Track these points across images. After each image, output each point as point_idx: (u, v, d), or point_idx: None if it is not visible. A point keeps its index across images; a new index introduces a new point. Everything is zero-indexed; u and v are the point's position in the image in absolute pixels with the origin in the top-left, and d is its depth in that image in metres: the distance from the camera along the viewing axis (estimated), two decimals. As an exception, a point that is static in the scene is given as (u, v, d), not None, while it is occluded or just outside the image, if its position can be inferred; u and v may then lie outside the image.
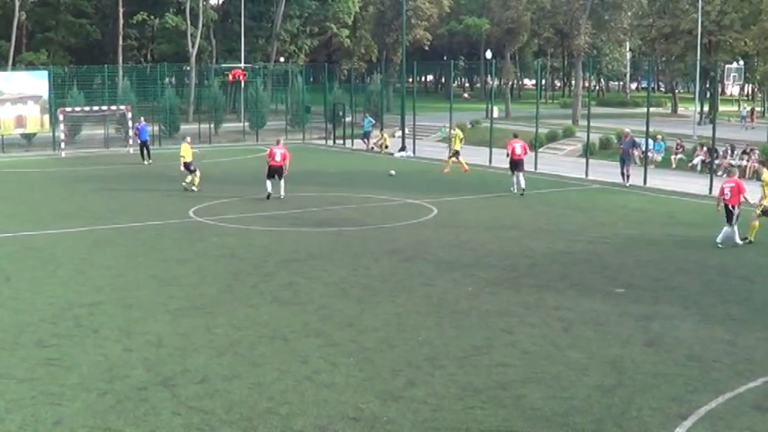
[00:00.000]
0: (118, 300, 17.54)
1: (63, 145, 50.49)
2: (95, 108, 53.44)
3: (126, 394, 12.30)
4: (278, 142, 32.85)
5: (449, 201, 31.54)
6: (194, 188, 33.60)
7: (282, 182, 31.21)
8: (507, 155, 34.04)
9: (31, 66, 68.20)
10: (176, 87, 73.48)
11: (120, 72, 68.05)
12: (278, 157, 31.27)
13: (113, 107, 53.47)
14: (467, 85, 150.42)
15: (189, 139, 35.58)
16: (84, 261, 21.29)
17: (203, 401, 12.03)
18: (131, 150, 50.67)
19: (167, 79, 69.52)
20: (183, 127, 61.17)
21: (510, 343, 14.71)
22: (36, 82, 52.18)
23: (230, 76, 66.87)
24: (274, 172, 31.30)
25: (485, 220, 27.63)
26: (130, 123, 51.62)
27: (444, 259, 21.59)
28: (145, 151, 46.00)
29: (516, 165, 33.61)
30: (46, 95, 51.84)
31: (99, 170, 42.22)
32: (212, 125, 60.44)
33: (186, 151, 33.99)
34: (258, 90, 63.99)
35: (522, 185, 33.14)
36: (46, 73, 53.76)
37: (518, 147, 33.62)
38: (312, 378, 12.95)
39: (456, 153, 40.27)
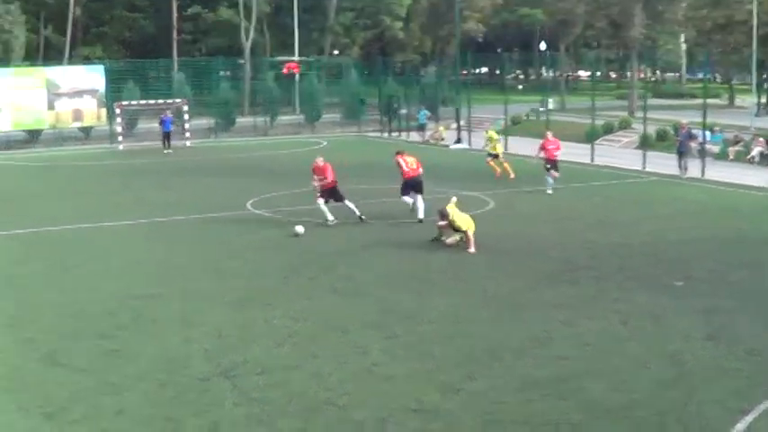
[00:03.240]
0: (176, 291, 17.70)
1: (120, 138, 51.05)
2: (151, 102, 53.92)
3: (187, 385, 12.41)
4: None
5: (505, 192, 31.37)
6: None
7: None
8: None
9: (86, 60, 68.90)
10: (231, 81, 73.74)
11: (175, 66, 68.53)
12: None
13: (169, 101, 53.82)
14: (521, 76, 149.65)
15: None
16: (141, 253, 21.51)
17: (264, 392, 12.09)
18: (188, 143, 51.13)
19: (222, 73, 69.90)
20: (239, 120, 61.65)
21: (569, 335, 14.61)
22: (92, 76, 52.90)
23: (284, 70, 67.08)
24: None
25: (541, 211, 27.45)
26: (186, 117, 52.05)
27: (502, 251, 21.50)
28: (166, 141, 48.59)
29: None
30: (102, 89, 52.48)
31: (156, 163, 42.59)
32: (268, 118, 60.76)
33: None
34: (312, 83, 64.08)
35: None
36: (102, 67, 54.49)
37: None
38: (371, 370, 12.97)
39: (495, 156, 36.67)
